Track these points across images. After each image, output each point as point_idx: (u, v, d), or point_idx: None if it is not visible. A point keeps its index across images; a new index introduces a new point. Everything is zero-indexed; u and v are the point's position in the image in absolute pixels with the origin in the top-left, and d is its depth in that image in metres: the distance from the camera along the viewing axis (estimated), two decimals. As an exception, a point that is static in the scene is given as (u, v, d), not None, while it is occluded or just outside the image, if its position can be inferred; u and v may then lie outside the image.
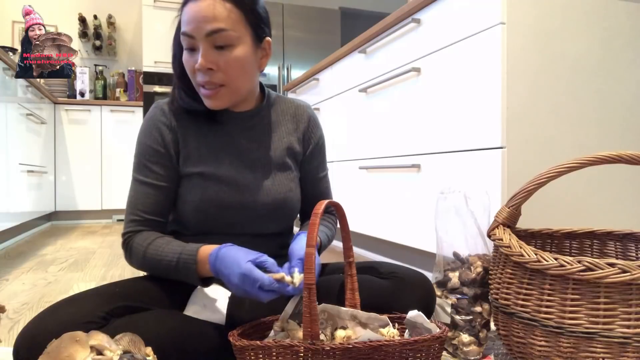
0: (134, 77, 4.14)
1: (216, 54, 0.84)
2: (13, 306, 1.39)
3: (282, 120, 1.02)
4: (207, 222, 0.93)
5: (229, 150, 0.95)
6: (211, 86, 0.86)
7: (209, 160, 0.93)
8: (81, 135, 3.75)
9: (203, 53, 0.84)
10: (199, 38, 0.83)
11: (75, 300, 0.79)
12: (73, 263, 2.10)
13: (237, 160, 0.95)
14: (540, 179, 0.81)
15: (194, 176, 0.93)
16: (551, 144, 1.31)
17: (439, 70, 1.53)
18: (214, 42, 0.84)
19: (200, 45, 0.84)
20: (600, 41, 1.36)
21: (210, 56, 0.84)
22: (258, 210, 0.94)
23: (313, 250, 0.67)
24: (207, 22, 0.82)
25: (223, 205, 0.92)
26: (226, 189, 0.92)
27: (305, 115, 1.04)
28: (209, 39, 0.83)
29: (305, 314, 0.66)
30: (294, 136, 1.02)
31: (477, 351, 0.93)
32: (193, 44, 0.85)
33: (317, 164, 1.06)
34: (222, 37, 0.83)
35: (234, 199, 0.92)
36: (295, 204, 0.99)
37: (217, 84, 0.86)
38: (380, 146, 1.92)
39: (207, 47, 0.84)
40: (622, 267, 0.68)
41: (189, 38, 0.84)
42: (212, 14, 0.82)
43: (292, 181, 0.99)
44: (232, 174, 0.93)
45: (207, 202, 0.91)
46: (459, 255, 0.98)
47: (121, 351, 0.63)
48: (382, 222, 1.90)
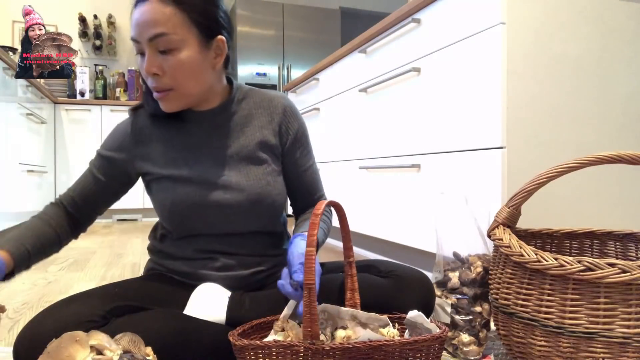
0: (134, 76, 4.14)
1: (161, 58, 0.83)
2: (13, 306, 1.39)
3: (255, 114, 0.98)
4: (186, 224, 0.92)
5: (197, 150, 0.94)
6: (160, 90, 0.86)
7: (176, 163, 0.93)
8: (81, 135, 3.75)
9: (147, 58, 0.83)
10: (143, 43, 0.83)
11: (75, 300, 0.79)
12: (73, 263, 2.10)
13: (206, 159, 0.94)
14: (540, 179, 0.81)
15: (163, 179, 0.93)
16: (551, 144, 1.31)
17: (439, 70, 1.53)
18: (157, 47, 0.83)
19: (145, 50, 0.84)
20: (600, 41, 1.36)
21: (154, 61, 0.83)
22: (235, 207, 0.92)
23: (313, 251, 0.67)
24: (148, 27, 0.81)
25: (195, 205, 0.90)
26: (196, 189, 0.91)
27: (280, 107, 0.99)
28: (151, 44, 0.82)
29: (305, 314, 0.66)
30: (267, 129, 0.98)
31: (477, 351, 0.93)
32: (141, 49, 0.85)
33: (299, 155, 1.01)
34: (163, 41, 0.82)
35: (205, 198, 0.91)
36: (275, 198, 0.95)
37: (165, 88, 0.86)
38: (380, 146, 1.92)
39: (151, 52, 0.83)
40: (622, 267, 0.68)
41: (136, 43, 0.85)
42: (153, 18, 0.81)
43: (269, 175, 0.95)
44: (200, 173, 0.92)
45: (179, 203, 0.90)
46: (459, 255, 0.98)
47: (121, 351, 0.63)
48: (382, 222, 1.90)
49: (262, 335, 0.80)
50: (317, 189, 1.06)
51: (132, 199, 3.84)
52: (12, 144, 2.56)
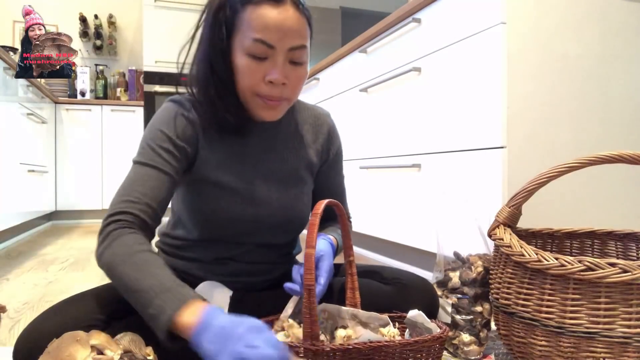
0: (134, 76, 4.14)
1: (290, 68, 0.80)
2: (14, 306, 1.39)
3: (301, 130, 0.97)
4: (214, 231, 0.90)
5: (247, 162, 0.91)
6: (278, 99, 0.82)
7: (227, 171, 0.89)
8: (82, 135, 3.75)
9: (281, 66, 0.78)
10: (279, 50, 0.78)
11: (76, 301, 0.79)
12: (74, 263, 2.10)
13: (253, 171, 0.91)
14: (540, 179, 0.81)
15: (209, 184, 0.88)
16: (551, 143, 1.31)
17: (439, 70, 1.53)
18: (292, 57, 0.79)
19: (277, 56, 0.78)
20: (600, 41, 1.36)
21: (286, 71, 0.79)
22: (268, 223, 0.91)
23: (313, 251, 0.67)
24: (293, 36, 0.77)
25: (234, 218, 0.88)
26: (239, 202, 0.88)
27: (326, 126, 1.00)
28: (289, 53, 0.78)
29: (305, 314, 0.66)
30: (312, 148, 0.97)
31: (478, 351, 0.93)
32: (267, 53, 0.78)
33: (334, 174, 1.03)
34: (301, 53, 0.80)
35: (246, 212, 0.89)
36: (305, 218, 0.95)
37: (284, 98, 0.82)
38: (380, 146, 1.92)
39: (284, 60, 0.79)
40: (623, 267, 0.68)
41: (266, 47, 0.77)
42: (298, 28, 0.78)
43: (306, 195, 0.96)
44: (247, 186, 0.89)
45: (220, 212, 0.88)
46: (460, 255, 0.98)
47: (122, 351, 0.63)
48: (382, 221, 1.90)
49: (263, 335, 0.80)
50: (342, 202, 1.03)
51: (132, 199, 3.85)
52: (12, 143, 2.56)
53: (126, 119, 3.85)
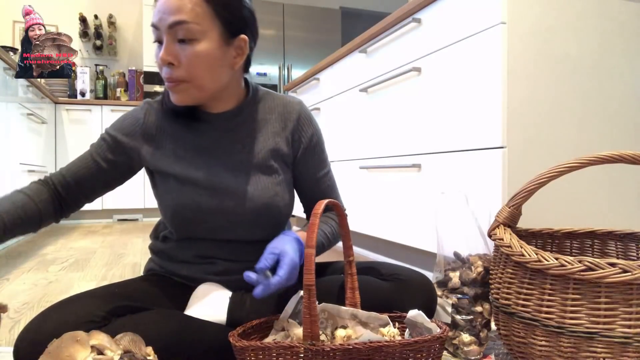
0: (134, 76, 4.14)
1: (178, 48, 0.81)
2: (14, 306, 1.39)
3: (268, 119, 0.95)
4: (188, 227, 0.90)
5: (208, 153, 0.91)
6: (172, 80, 0.84)
7: (185, 163, 0.90)
8: (82, 135, 3.75)
9: (165, 46, 0.81)
10: (162, 30, 0.81)
11: (76, 300, 0.79)
12: (74, 263, 2.10)
13: (216, 162, 0.91)
14: (540, 179, 0.81)
15: (170, 178, 0.90)
16: (551, 143, 1.31)
17: (439, 70, 1.53)
18: (176, 35, 0.81)
19: (164, 37, 0.82)
20: (601, 41, 1.36)
21: (171, 50, 0.81)
22: (239, 215, 0.89)
23: (313, 251, 0.67)
24: (170, 14, 0.80)
25: (201, 210, 0.88)
26: (203, 193, 0.88)
27: (294, 113, 0.96)
28: (170, 31, 0.80)
29: (305, 314, 0.66)
30: (280, 136, 0.95)
31: (478, 351, 0.93)
32: (159, 37, 0.83)
33: (314, 164, 0.99)
34: (183, 29, 0.80)
35: (211, 204, 0.88)
36: (282, 209, 0.93)
37: (179, 79, 0.83)
38: (380, 146, 1.92)
39: (169, 40, 0.81)
40: (623, 267, 0.68)
41: (155, 29, 0.83)
42: (177, 5, 0.79)
43: (279, 185, 0.93)
44: (209, 177, 0.89)
45: (183, 206, 0.88)
46: (460, 255, 0.98)
47: (122, 351, 0.63)
48: (382, 221, 1.90)
49: (263, 335, 0.81)
50: (332, 196, 1.01)
51: (132, 199, 3.86)
52: (12, 144, 2.56)
53: (126, 119, 3.85)
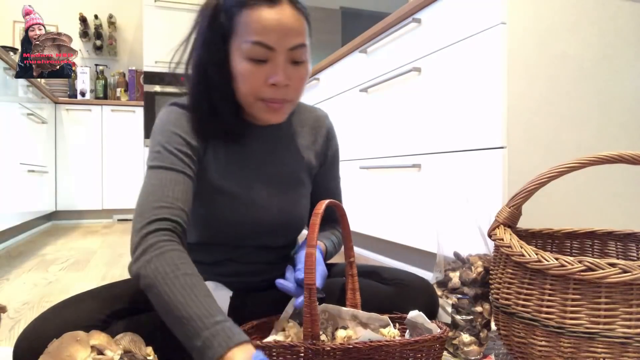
0: (134, 76, 4.14)
1: (291, 69, 0.78)
2: (14, 306, 1.39)
3: (300, 132, 0.96)
4: (215, 235, 0.90)
5: (247, 166, 0.90)
6: (282, 101, 0.80)
7: (228, 176, 0.88)
8: (82, 135, 3.75)
9: (283, 68, 0.77)
10: (279, 51, 0.76)
11: (76, 301, 0.79)
12: (74, 263, 2.10)
13: (253, 176, 0.90)
14: (540, 179, 0.81)
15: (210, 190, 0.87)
16: (552, 143, 1.31)
17: (439, 70, 1.53)
18: (293, 57, 0.77)
19: (277, 58, 0.76)
20: (601, 41, 1.36)
21: (288, 72, 0.78)
22: (267, 227, 0.90)
23: (314, 250, 0.67)
24: (292, 36, 0.75)
25: (235, 223, 0.88)
26: (240, 207, 0.88)
27: (324, 128, 0.99)
28: (290, 52, 0.77)
29: (306, 314, 0.65)
30: (311, 150, 0.96)
31: (478, 351, 0.93)
32: (267, 56, 0.76)
33: (331, 176, 1.02)
34: (302, 52, 0.78)
35: (247, 217, 0.88)
36: (304, 220, 0.95)
37: (287, 99, 0.81)
38: (380, 146, 1.92)
39: (285, 61, 0.77)
40: (623, 267, 0.68)
41: (266, 49, 0.75)
42: (296, 26, 0.76)
43: (305, 197, 0.95)
44: (247, 191, 0.88)
45: (221, 218, 0.87)
46: (460, 255, 0.98)
47: (122, 351, 0.63)
48: (382, 222, 1.90)
49: (263, 335, 0.81)
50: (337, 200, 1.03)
51: (132, 199, 3.85)
52: (12, 143, 2.56)
53: (126, 119, 3.85)
